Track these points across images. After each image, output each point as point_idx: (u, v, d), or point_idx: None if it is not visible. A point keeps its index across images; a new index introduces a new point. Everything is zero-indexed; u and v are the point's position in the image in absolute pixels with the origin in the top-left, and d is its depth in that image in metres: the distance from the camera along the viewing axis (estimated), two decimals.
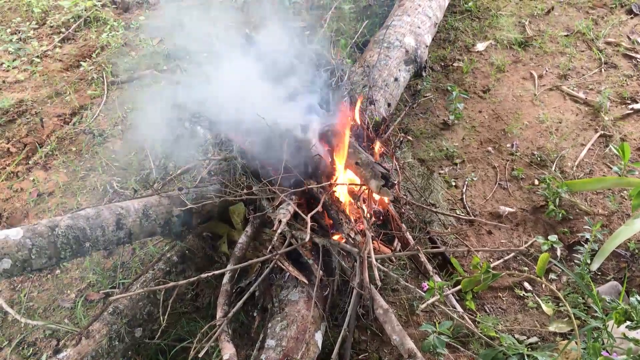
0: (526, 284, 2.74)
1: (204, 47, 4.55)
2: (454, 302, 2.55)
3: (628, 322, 1.96)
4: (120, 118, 4.04)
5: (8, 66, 4.62)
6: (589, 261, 2.60)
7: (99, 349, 2.22)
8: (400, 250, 2.74)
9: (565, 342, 2.14)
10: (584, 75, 4.01)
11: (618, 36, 4.31)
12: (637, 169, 3.00)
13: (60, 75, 4.53)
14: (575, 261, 2.68)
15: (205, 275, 2.10)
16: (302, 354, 2.12)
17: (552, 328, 2.48)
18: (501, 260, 2.83)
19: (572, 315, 1.97)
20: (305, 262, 2.46)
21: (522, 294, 2.68)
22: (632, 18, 4.48)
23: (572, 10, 4.67)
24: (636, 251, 2.78)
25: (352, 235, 2.49)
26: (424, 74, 4.07)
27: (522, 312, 2.61)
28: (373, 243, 2.36)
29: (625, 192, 3.09)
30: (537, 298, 2.65)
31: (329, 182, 2.56)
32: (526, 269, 2.79)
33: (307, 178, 2.59)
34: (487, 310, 2.63)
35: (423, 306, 2.59)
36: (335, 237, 2.54)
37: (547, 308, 2.58)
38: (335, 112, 2.74)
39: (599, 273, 2.73)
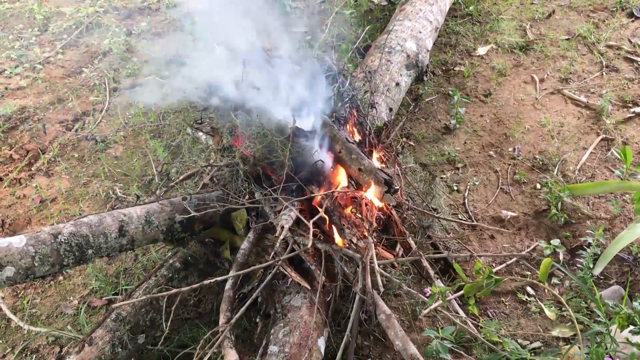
0: (529, 289, 2.74)
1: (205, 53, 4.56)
2: (457, 307, 2.55)
3: (631, 327, 1.96)
4: (122, 124, 4.05)
5: (10, 72, 4.64)
6: (591, 265, 2.60)
7: (102, 355, 2.22)
8: (402, 256, 2.74)
9: (568, 346, 2.13)
10: (585, 78, 4.01)
11: (619, 39, 4.31)
12: (639, 172, 3.00)
13: (63, 82, 4.55)
14: (578, 265, 2.67)
15: (208, 281, 2.10)
16: None
17: (555, 333, 2.47)
18: (504, 265, 2.82)
19: (575, 320, 1.96)
20: (308, 268, 2.46)
21: (524, 299, 2.68)
22: (633, 21, 4.48)
23: (573, 14, 4.67)
24: (639, 255, 2.77)
25: (355, 240, 2.49)
26: (425, 78, 4.07)
27: (525, 316, 2.60)
28: (375, 249, 2.36)
29: (627, 195, 3.09)
30: (540, 303, 2.65)
31: (331, 190, 2.57)
32: (529, 273, 2.78)
33: (310, 184, 2.59)
34: (490, 315, 2.63)
35: (426, 311, 2.59)
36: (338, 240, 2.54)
37: (550, 313, 2.57)
38: (337, 117, 2.74)
39: (602, 277, 2.72)
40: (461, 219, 3.10)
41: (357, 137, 2.89)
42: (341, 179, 2.66)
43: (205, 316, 2.69)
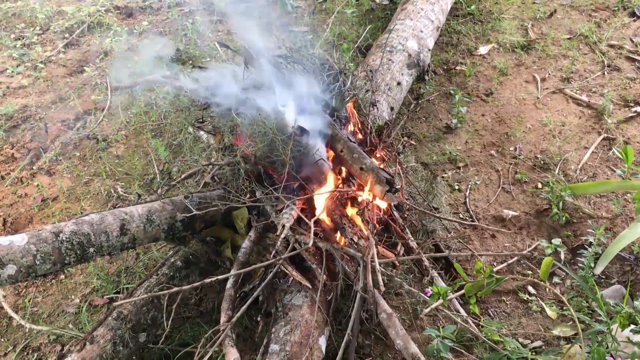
0: (530, 288, 2.74)
1: (207, 52, 4.57)
2: (458, 306, 2.55)
3: (632, 326, 1.96)
4: (124, 123, 4.06)
5: (12, 72, 4.65)
6: (592, 265, 2.60)
7: (103, 354, 2.22)
8: (403, 255, 2.74)
9: (569, 345, 2.13)
10: (586, 78, 4.01)
11: (621, 39, 4.30)
12: None
13: (64, 81, 4.55)
14: (579, 265, 2.67)
15: (209, 280, 2.10)
16: (306, 359, 2.12)
17: (556, 332, 2.47)
18: (505, 264, 2.82)
19: (576, 319, 1.96)
20: (309, 267, 2.46)
21: (526, 298, 2.68)
22: (634, 21, 4.48)
23: (574, 13, 4.67)
24: None
25: (356, 239, 2.49)
26: (426, 77, 4.07)
27: (526, 316, 2.60)
28: (376, 247, 2.36)
29: (629, 195, 3.09)
30: (541, 302, 2.64)
31: (333, 190, 2.57)
32: (530, 272, 2.78)
33: (311, 183, 2.59)
34: (491, 314, 2.63)
35: (427, 310, 2.59)
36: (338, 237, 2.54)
37: (551, 312, 2.57)
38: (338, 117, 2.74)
39: (603, 276, 2.72)
40: (462, 219, 3.10)
41: (359, 136, 2.90)
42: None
43: (206, 315, 2.69)
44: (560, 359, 2.11)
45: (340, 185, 2.69)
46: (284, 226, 2.30)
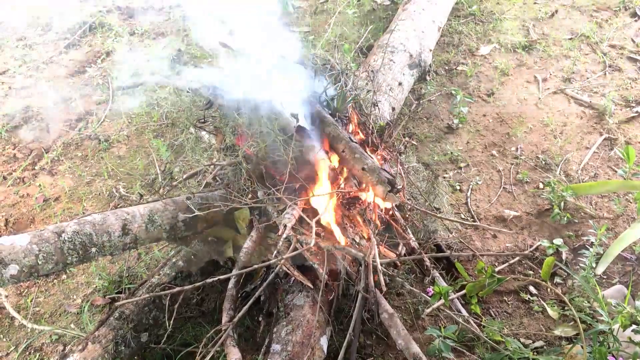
0: (531, 288, 2.74)
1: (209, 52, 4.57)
2: (459, 306, 2.55)
3: (634, 326, 1.96)
4: (126, 123, 4.06)
5: (14, 72, 4.66)
6: (594, 265, 2.60)
7: (105, 354, 2.23)
8: (405, 255, 2.74)
9: (571, 346, 2.14)
10: (588, 78, 4.01)
11: (622, 39, 4.30)
12: None
13: (66, 81, 4.56)
14: (581, 265, 2.67)
15: (211, 280, 2.11)
16: (308, 359, 2.12)
17: (557, 332, 2.47)
18: (506, 264, 2.82)
19: (578, 319, 1.97)
20: (311, 267, 2.46)
21: (527, 298, 2.68)
22: (636, 21, 4.48)
23: (576, 14, 4.67)
24: None
25: (357, 239, 2.49)
26: (428, 78, 4.07)
27: (527, 316, 2.60)
28: (378, 247, 2.36)
29: (630, 195, 3.09)
30: (542, 302, 2.64)
31: (334, 190, 2.57)
32: (531, 272, 2.78)
33: (312, 183, 2.59)
34: (493, 314, 2.63)
35: (428, 310, 2.59)
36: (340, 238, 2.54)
37: (552, 312, 2.57)
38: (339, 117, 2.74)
39: (605, 277, 2.72)
40: (463, 219, 3.10)
41: (360, 137, 2.90)
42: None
43: (208, 315, 2.69)
44: (562, 359, 2.12)
45: (342, 186, 2.69)
46: (285, 226, 2.30)
